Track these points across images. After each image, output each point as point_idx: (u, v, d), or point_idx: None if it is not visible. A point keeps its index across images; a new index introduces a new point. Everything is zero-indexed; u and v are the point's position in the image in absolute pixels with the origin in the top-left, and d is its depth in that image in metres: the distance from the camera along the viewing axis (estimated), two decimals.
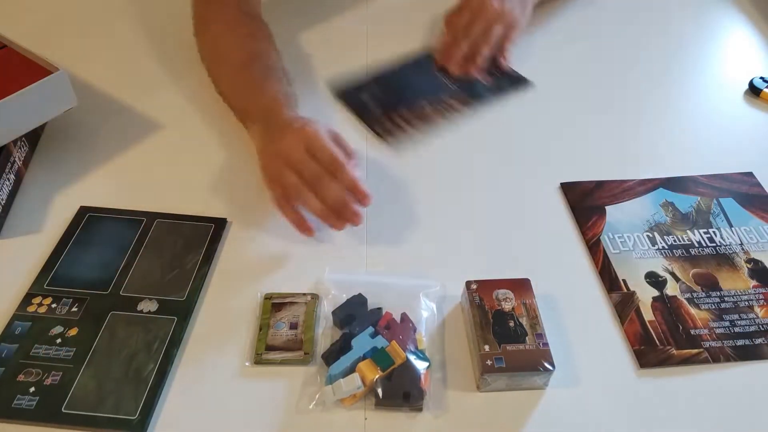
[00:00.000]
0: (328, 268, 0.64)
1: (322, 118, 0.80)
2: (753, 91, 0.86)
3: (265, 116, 0.69)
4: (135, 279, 0.63)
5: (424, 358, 0.55)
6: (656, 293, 0.63)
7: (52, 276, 0.63)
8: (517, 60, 0.88)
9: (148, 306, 0.60)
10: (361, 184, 0.62)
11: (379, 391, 0.53)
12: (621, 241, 0.67)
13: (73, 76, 0.85)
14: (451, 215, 0.70)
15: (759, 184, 0.73)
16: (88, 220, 0.68)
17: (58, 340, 0.57)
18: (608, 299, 0.62)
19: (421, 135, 0.77)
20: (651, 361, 0.57)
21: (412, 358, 0.55)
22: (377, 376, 0.53)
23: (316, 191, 0.62)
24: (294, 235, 0.67)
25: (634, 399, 0.55)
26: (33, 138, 0.76)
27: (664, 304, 0.62)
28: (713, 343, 0.58)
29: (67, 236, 0.66)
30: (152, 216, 0.68)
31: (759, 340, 0.59)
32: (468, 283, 0.59)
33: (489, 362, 0.54)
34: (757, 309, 0.61)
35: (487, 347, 0.55)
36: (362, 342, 0.56)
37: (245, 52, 0.75)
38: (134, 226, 0.67)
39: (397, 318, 0.58)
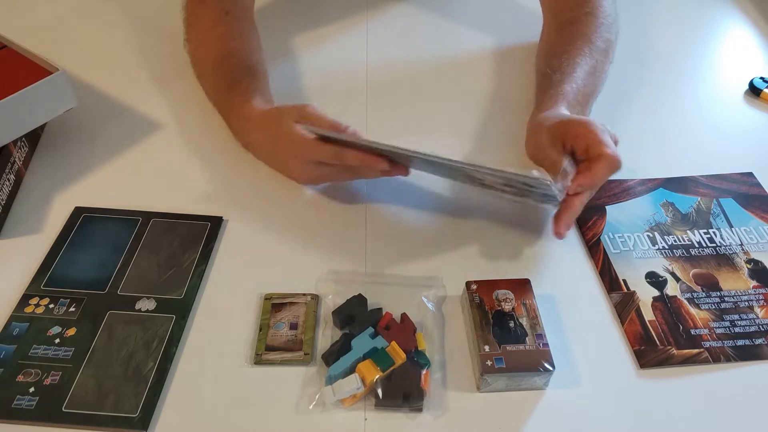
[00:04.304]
0: (327, 267, 0.64)
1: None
2: (753, 91, 0.86)
3: (236, 113, 0.72)
4: (132, 278, 0.63)
5: (424, 359, 0.55)
6: (656, 293, 0.63)
7: (49, 277, 0.62)
8: (516, 59, 0.88)
9: (146, 305, 0.60)
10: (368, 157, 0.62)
11: (379, 391, 0.53)
12: (621, 241, 0.67)
13: (73, 76, 0.85)
14: (451, 215, 0.70)
15: (759, 185, 0.73)
16: (83, 220, 0.68)
17: (57, 340, 0.57)
18: (608, 299, 0.62)
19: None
20: (651, 361, 0.57)
21: (412, 358, 0.55)
22: (377, 377, 0.53)
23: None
24: (293, 235, 0.67)
25: (634, 399, 0.55)
26: (33, 138, 0.76)
27: (664, 304, 0.62)
28: (713, 343, 0.58)
29: (62, 237, 0.66)
30: (147, 215, 0.68)
31: (759, 341, 0.59)
32: (468, 284, 0.59)
33: (489, 362, 0.53)
34: (757, 309, 0.61)
35: (487, 347, 0.54)
36: (362, 342, 0.56)
37: (218, 53, 0.76)
38: (130, 225, 0.67)
39: (397, 318, 0.58)
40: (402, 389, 0.53)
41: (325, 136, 0.63)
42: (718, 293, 0.63)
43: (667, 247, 0.67)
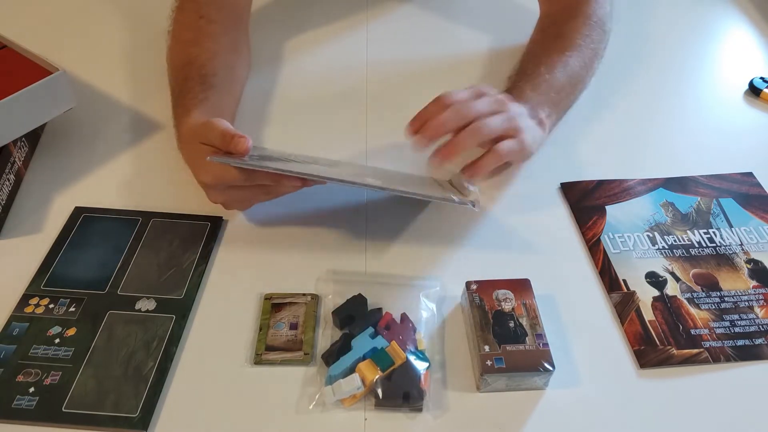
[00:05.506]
0: (327, 267, 0.64)
1: (320, 118, 0.81)
2: (753, 91, 0.86)
3: (176, 128, 0.70)
4: (132, 278, 0.63)
5: (424, 359, 0.55)
6: (656, 293, 0.63)
7: (49, 277, 0.62)
8: (516, 59, 0.88)
9: (146, 305, 0.60)
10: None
11: (379, 391, 0.53)
12: (621, 241, 0.67)
13: (73, 76, 0.85)
14: (451, 215, 0.70)
15: (759, 185, 0.73)
16: (83, 220, 0.68)
17: (57, 340, 0.57)
18: (608, 299, 0.62)
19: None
20: (651, 361, 0.57)
21: (412, 358, 0.55)
22: (377, 377, 0.53)
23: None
24: (293, 235, 0.67)
25: (634, 399, 0.55)
26: (33, 138, 0.76)
27: (664, 304, 0.62)
28: (713, 343, 0.58)
29: (62, 237, 0.66)
30: (148, 215, 0.68)
31: (759, 341, 0.59)
32: (468, 284, 0.59)
33: (489, 362, 0.53)
34: (757, 309, 0.61)
35: (487, 348, 0.54)
36: (362, 342, 0.56)
37: (179, 60, 0.74)
38: (130, 225, 0.67)
39: (397, 318, 0.58)
40: (402, 389, 0.53)
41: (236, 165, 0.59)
42: (718, 293, 0.63)
43: (667, 247, 0.67)
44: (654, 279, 0.64)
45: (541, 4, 0.85)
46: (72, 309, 0.60)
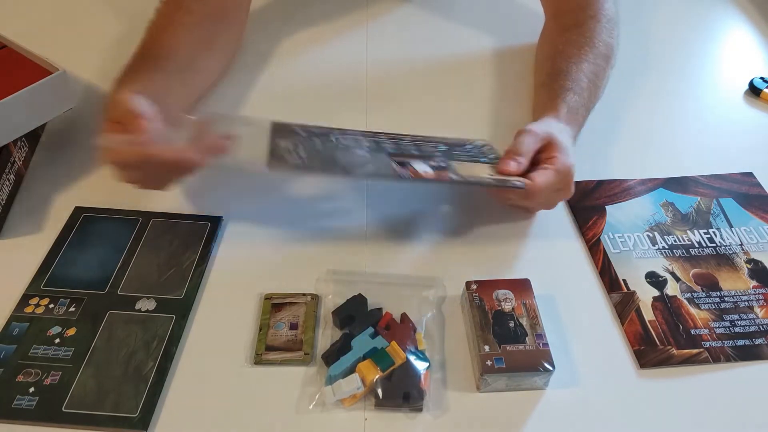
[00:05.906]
0: (327, 267, 0.64)
1: (320, 118, 0.81)
2: (753, 91, 0.86)
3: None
4: (132, 278, 0.63)
5: (424, 359, 0.55)
6: (656, 293, 0.63)
7: (49, 277, 0.62)
8: (516, 59, 0.88)
9: (146, 305, 0.60)
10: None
11: (379, 391, 0.53)
12: (621, 241, 0.67)
13: (73, 76, 0.85)
14: (451, 215, 0.70)
15: (759, 185, 0.73)
16: (83, 220, 0.68)
17: (57, 340, 0.57)
18: (608, 299, 0.62)
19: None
20: (651, 361, 0.57)
21: (412, 358, 0.55)
22: (377, 377, 0.53)
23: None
24: (293, 235, 0.67)
25: (634, 399, 0.55)
26: (33, 138, 0.76)
27: (664, 304, 0.62)
28: (713, 343, 0.58)
29: (62, 237, 0.66)
30: (147, 215, 0.68)
31: (759, 341, 0.59)
32: (468, 284, 0.59)
33: (489, 362, 0.54)
34: (757, 309, 0.61)
35: (487, 348, 0.54)
36: (362, 342, 0.56)
37: (146, 39, 0.73)
38: (130, 225, 0.67)
39: (397, 318, 0.58)
40: (402, 389, 0.53)
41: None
42: (718, 293, 0.63)
43: (667, 247, 0.67)
44: (654, 279, 0.64)
45: (544, 5, 0.85)
46: (72, 309, 0.60)
